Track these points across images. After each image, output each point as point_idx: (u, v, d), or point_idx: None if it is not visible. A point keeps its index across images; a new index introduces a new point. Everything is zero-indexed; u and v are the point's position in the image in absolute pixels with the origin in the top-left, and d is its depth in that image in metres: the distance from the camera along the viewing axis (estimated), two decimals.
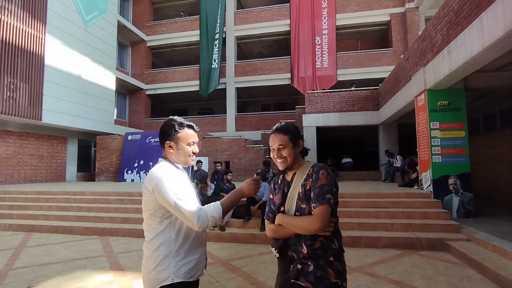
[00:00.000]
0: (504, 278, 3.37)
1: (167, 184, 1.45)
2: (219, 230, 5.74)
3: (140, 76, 19.19)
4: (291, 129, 1.56)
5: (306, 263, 1.41)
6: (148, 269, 1.48)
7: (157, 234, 1.49)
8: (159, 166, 1.58)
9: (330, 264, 1.40)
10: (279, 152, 1.53)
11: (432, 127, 6.51)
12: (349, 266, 4.24)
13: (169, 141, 1.61)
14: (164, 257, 1.45)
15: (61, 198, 8.23)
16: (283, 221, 1.48)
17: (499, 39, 4.01)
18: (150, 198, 1.50)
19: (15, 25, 10.99)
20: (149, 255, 1.49)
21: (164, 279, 1.43)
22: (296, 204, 1.47)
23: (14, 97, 11.01)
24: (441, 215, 5.75)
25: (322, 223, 1.35)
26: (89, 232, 6.38)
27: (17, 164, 12.39)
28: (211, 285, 3.56)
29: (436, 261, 4.43)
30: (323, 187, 1.40)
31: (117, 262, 4.55)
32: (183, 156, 1.63)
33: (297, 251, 1.45)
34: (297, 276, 1.41)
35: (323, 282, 1.37)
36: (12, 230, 6.69)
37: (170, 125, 1.62)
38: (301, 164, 1.56)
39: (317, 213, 1.36)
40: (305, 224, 1.39)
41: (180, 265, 1.46)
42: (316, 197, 1.39)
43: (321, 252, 1.41)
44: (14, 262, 4.53)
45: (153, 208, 1.51)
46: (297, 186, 1.49)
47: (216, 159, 12.32)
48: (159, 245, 1.47)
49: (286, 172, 1.61)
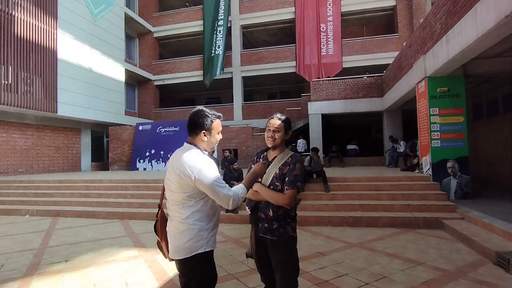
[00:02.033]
0: (488, 249, 3.73)
1: (207, 174, 1.67)
2: (232, 213, 6.19)
3: (148, 67, 19.55)
4: (287, 120, 2.04)
5: (272, 223, 1.93)
6: (183, 240, 1.74)
7: (194, 212, 1.73)
8: (193, 155, 1.74)
9: (289, 223, 1.95)
10: (274, 133, 1.97)
11: (431, 113, 6.76)
12: (349, 242, 4.66)
13: (205, 131, 1.80)
14: (199, 231, 1.74)
15: (81, 185, 8.79)
16: (261, 190, 1.96)
17: (490, 29, 4.25)
18: (189, 183, 1.68)
19: (28, 21, 11.39)
20: (185, 229, 1.73)
21: (198, 248, 1.73)
22: (272, 180, 1.95)
23: (31, 91, 11.52)
24: (439, 197, 6.10)
25: (290, 201, 1.89)
26: (110, 216, 6.91)
27: (35, 155, 13.03)
28: (225, 259, 4.01)
29: (431, 237, 4.81)
30: (296, 176, 1.91)
31: (139, 241, 5.04)
32: (213, 144, 1.86)
33: (265, 213, 1.95)
34: (265, 232, 1.94)
35: (284, 235, 1.92)
36: (40, 216, 7.27)
37: (205, 116, 1.81)
38: (283, 150, 2.01)
39: (288, 194, 1.88)
40: (278, 198, 1.90)
41: (210, 237, 1.79)
42: (290, 183, 1.90)
43: (283, 216, 1.94)
44: (48, 241, 5.07)
45: (191, 191, 1.72)
46: (275, 167, 1.96)
47: (224, 147, 12.73)
48: (195, 221, 1.73)
49: (269, 152, 2.06)
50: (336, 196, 6.58)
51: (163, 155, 13.74)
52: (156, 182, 8.43)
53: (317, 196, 6.67)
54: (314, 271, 3.50)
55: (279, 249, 1.91)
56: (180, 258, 1.75)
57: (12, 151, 12.05)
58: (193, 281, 1.75)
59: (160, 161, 13.78)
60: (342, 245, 4.52)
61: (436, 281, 3.16)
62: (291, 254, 1.94)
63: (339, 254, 4.12)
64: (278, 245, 1.91)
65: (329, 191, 6.73)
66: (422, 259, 3.82)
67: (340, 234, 5.15)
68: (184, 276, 1.79)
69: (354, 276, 3.32)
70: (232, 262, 3.84)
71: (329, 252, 4.21)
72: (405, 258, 3.86)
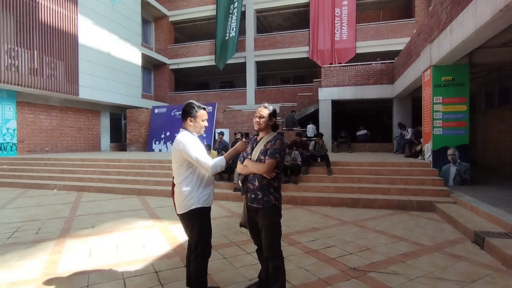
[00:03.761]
0: (468, 229, 4.07)
1: (189, 147, 2.26)
2: (239, 192, 6.69)
3: (163, 51, 19.99)
4: (272, 110, 2.46)
5: (257, 193, 2.35)
6: (180, 199, 2.34)
7: (184, 178, 2.34)
8: (183, 134, 2.35)
9: (271, 193, 2.35)
10: (259, 119, 2.41)
11: (435, 101, 6.93)
12: (344, 220, 5.09)
13: (190, 118, 2.40)
14: (189, 192, 2.32)
15: (102, 164, 9.50)
16: (248, 164, 2.41)
17: (487, 22, 4.40)
18: (179, 155, 2.30)
19: (52, 8, 11.97)
20: (180, 191, 2.35)
21: (190, 205, 2.31)
22: (258, 155, 2.39)
23: (54, 74, 12.22)
24: (436, 182, 6.38)
25: (268, 169, 2.28)
26: (128, 192, 7.56)
27: (60, 135, 13.91)
28: (229, 230, 4.52)
29: (421, 218, 5.16)
30: (275, 150, 2.31)
31: (154, 213, 5.63)
32: (198, 128, 2.44)
33: (253, 184, 2.38)
34: (252, 201, 2.38)
35: (268, 203, 2.33)
36: (66, 190, 8.02)
37: (192, 106, 2.41)
38: (269, 132, 2.44)
39: (267, 163, 2.29)
40: (258, 167, 2.32)
41: (200, 197, 2.34)
42: (269, 154, 2.31)
43: (266, 186, 2.34)
44: (75, 211, 5.74)
45: (180, 161, 2.33)
46: (261, 145, 2.40)
47: (236, 131, 13.18)
48: (186, 184, 2.32)
49: (258, 134, 2.49)
50: (337, 179, 6.96)
51: None
52: (170, 163, 8.93)
53: (320, 179, 7.07)
54: (307, 242, 3.96)
55: (263, 215, 2.35)
56: (180, 213, 2.37)
57: (39, 131, 12.93)
58: (193, 231, 2.34)
59: None
60: (336, 222, 4.95)
61: (414, 253, 3.56)
62: (274, 219, 2.36)
63: (332, 229, 4.55)
64: (262, 211, 2.35)
65: (331, 174, 7.11)
66: (407, 236, 4.21)
67: (337, 213, 5.57)
68: (186, 228, 2.40)
69: (341, 248, 3.76)
70: (234, 233, 4.35)
71: (323, 227, 4.65)
72: (391, 235, 4.26)
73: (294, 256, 3.45)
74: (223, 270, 3.11)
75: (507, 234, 3.75)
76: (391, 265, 3.21)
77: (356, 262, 3.30)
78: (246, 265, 3.22)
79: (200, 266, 2.38)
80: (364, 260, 3.34)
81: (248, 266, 3.20)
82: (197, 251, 2.35)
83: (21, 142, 12.18)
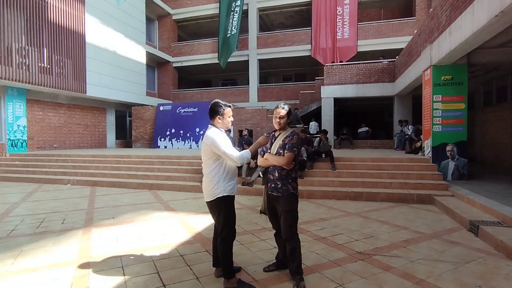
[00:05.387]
0: (465, 219, 4.40)
1: (218, 141, 2.56)
2: (248, 186, 7.01)
3: (167, 49, 20.24)
4: (289, 109, 2.75)
5: (277, 183, 2.67)
6: (209, 188, 2.65)
7: (213, 169, 2.64)
8: (211, 131, 2.63)
9: (290, 183, 2.67)
10: (280, 119, 2.71)
11: (435, 100, 7.23)
12: (348, 212, 5.41)
13: (219, 116, 2.70)
14: (217, 182, 2.63)
15: (112, 160, 9.82)
16: (269, 157, 2.73)
17: (484, 26, 4.69)
18: (208, 149, 2.61)
19: (60, 7, 12.23)
20: (209, 181, 2.66)
21: (218, 193, 2.62)
22: (277, 150, 2.70)
23: (63, 73, 12.50)
24: (435, 177, 6.70)
25: (287, 161, 2.59)
26: (140, 186, 7.88)
27: (67, 132, 14.22)
28: (242, 220, 4.83)
29: (421, 210, 5.49)
30: (293, 144, 2.62)
31: (168, 206, 5.95)
32: (226, 124, 2.74)
33: (273, 175, 2.71)
34: (272, 190, 2.72)
35: (286, 191, 2.65)
36: (80, 185, 8.34)
37: (219, 105, 2.70)
38: (286, 129, 2.75)
39: (286, 156, 2.60)
40: (279, 160, 2.65)
41: (226, 186, 2.64)
42: (288, 148, 2.62)
43: (285, 176, 2.66)
44: (93, 204, 6.06)
45: (209, 154, 2.64)
46: (279, 140, 2.71)
47: (240, 128, 13.50)
48: (214, 175, 2.63)
49: (277, 131, 2.80)
50: (341, 174, 7.28)
51: (182, 134, 14.67)
52: (179, 158, 9.34)
53: (324, 174, 7.39)
54: (315, 230, 4.28)
55: (282, 202, 2.67)
56: (208, 200, 2.68)
57: (47, 128, 13.23)
58: (219, 216, 2.66)
59: (180, 139, 14.73)
60: (341, 214, 5.27)
61: (414, 240, 3.88)
62: (291, 205, 2.68)
63: (338, 220, 4.88)
64: (281, 199, 2.66)
65: (335, 169, 7.43)
66: (408, 225, 4.54)
67: (341, 205, 5.89)
68: (214, 215, 2.71)
69: (347, 235, 4.08)
70: (248, 223, 4.67)
71: (330, 218, 4.98)
72: (393, 224, 4.59)
73: (305, 243, 3.76)
74: (242, 254, 3.43)
75: (500, 222, 4.08)
76: (394, 250, 3.53)
77: (362, 247, 3.62)
78: (262, 250, 3.54)
79: (226, 247, 2.69)
80: (369, 246, 3.66)
81: (264, 250, 3.53)
82: (223, 234, 2.67)
83: (31, 139, 12.49)
